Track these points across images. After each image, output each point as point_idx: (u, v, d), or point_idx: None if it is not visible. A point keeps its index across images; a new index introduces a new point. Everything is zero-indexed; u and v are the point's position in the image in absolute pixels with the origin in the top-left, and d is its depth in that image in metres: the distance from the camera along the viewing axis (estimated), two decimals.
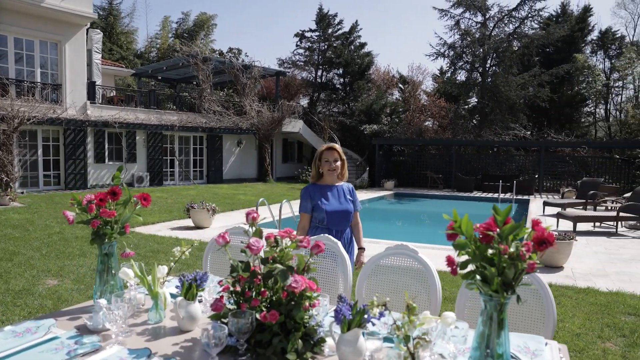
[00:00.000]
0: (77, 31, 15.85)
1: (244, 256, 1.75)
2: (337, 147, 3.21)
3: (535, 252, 1.22)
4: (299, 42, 31.54)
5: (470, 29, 24.15)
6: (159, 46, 35.53)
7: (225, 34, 56.02)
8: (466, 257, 1.30)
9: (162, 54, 33.45)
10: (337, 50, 30.07)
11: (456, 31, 24.36)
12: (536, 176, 19.27)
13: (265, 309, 1.62)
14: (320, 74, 31.44)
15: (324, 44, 30.86)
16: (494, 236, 1.25)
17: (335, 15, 30.82)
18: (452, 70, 25.60)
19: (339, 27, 31.04)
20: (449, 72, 26.40)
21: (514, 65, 23.42)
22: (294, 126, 23.42)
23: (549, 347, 1.72)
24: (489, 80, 23.74)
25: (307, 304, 1.64)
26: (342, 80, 30.97)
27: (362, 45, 31.05)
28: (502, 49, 23.33)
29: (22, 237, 7.49)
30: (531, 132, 25.01)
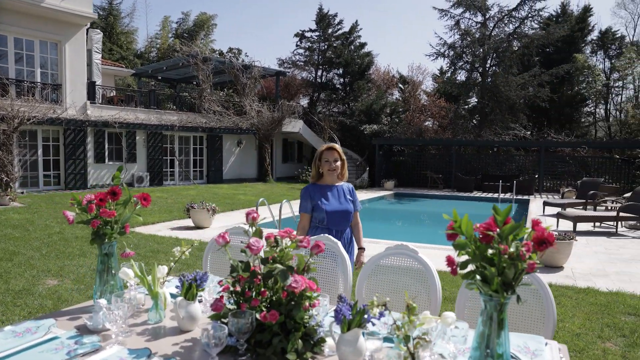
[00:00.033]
0: (77, 31, 15.85)
1: (244, 256, 1.75)
2: (337, 147, 3.20)
3: (535, 252, 1.22)
4: (299, 42, 31.56)
5: (470, 29, 24.15)
6: (159, 46, 35.54)
7: (225, 34, 56.09)
8: (466, 257, 1.30)
9: (162, 54, 33.46)
10: (337, 50, 30.07)
11: (456, 31, 24.37)
12: (536, 176, 19.26)
13: (265, 309, 1.62)
14: (320, 74, 31.45)
15: (324, 44, 30.86)
16: (494, 236, 1.25)
17: (335, 15, 30.84)
18: (452, 70, 25.60)
19: (339, 27, 31.05)
20: (449, 72, 26.40)
21: (514, 65, 23.42)
22: (294, 126, 23.43)
23: (549, 347, 1.72)
24: (489, 80, 23.74)
25: (307, 304, 1.64)
26: (342, 80, 30.97)
27: (362, 45, 31.06)
28: (502, 49, 23.33)
29: (22, 237, 7.49)
30: (531, 132, 25.01)
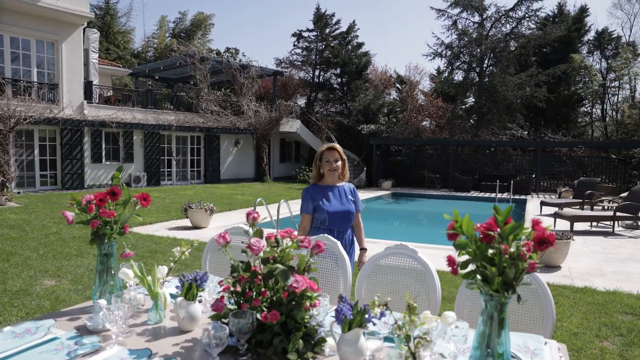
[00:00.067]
0: (74, 30, 15.80)
1: (244, 256, 1.75)
2: (338, 147, 3.17)
3: (535, 251, 1.23)
4: (296, 42, 31.56)
5: (467, 29, 24.21)
6: (156, 46, 35.47)
7: (222, 33, 55.99)
8: (466, 257, 1.30)
9: (159, 53, 33.39)
10: (334, 50, 30.08)
11: (453, 31, 24.43)
12: (533, 176, 19.32)
13: (266, 309, 1.62)
14: (317, 73, 31.44)
15: (322, 44, 30.86)
16: (495, 236, 1.25)
17: (332, 15, 30.86)
18: (450, 70, 25.65)
19: (337, 27, 31.08)
20: (446, 72, 26.44)
21: (511, 65, 23.48)
22: (292, 126, 23.42)
23: (548, 347, 1.73)
24: (486, 80, 23.80)
25: (307, 304, 1.64)
26: (340, 80, 30.98)
27: (360, 45, 31.08)
28: (499, 49, 23.39)
29: (19, 238, 7.46)
30: (528, 132, 25.08)
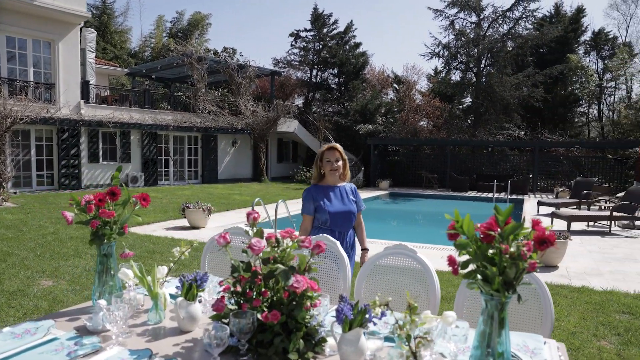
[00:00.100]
0: (71, 30, 15.74)
1: (244, 256, 1.75)
2: (339, 147, 3.14)
3: (536, 251, 1.23)
4: (293, 42, 31.53)
5: (464, 29, 24.25)
6: (153, 45, 35.40)
7: (219, 33, 55.97)
8: (467, 257, 1.31)
9: (156, 53, 33.32)
10: (332, 50, 30.08)
11: (451, 31, 24.46)
12: (530, 176, 19.36)
13: (266, 309, 1.62)
14: (315, 73, 31.44)
15: (319, 44, 30.86)
16: (496, 236, 1.25)
17: (330, 15, 30.85)
18: (447, 70, 25.69)
19: (334, 27, 31.07)
20: (443, 72, 26.50)
21: (508, 65, 23.53)
22: (289, 126, 23.41)
23: (547, 346, 1.73)
24: (484, 80, 23.84)
25: (308, 304, 1.64)
26: (337, 80, 30.99)
27: (357, 45, 31.09)
28: (496, 49, 23.44)
29: (15, 238, 7.43)
30: (525, 132, 25.15)
